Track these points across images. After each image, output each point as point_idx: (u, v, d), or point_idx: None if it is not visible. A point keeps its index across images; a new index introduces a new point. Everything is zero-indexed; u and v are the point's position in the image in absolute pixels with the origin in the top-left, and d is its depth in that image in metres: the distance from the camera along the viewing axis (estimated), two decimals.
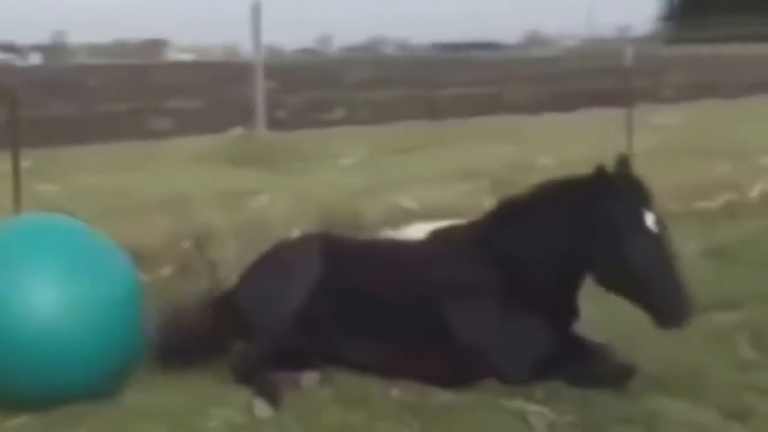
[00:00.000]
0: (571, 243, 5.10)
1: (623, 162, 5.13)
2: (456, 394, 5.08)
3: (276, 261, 5.63)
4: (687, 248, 7.15)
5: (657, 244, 4.97)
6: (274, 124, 14.51)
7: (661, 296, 4.87)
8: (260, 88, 13.82)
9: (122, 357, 5.04)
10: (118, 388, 5.02)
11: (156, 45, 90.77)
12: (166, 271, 7.70)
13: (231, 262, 7.69)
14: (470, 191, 9.41)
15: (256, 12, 13.48)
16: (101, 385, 4.93)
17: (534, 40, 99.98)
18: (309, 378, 5.22)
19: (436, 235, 5.66)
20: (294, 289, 5.35)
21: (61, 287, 4.83)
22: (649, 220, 4.98)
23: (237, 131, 14.48)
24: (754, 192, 10.02)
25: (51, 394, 4.81)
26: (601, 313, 5.62)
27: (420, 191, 9.24)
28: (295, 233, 8.26)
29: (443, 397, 5.05)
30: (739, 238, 8.29)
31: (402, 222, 8.24)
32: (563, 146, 11.73)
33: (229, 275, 6.42)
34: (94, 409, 4.86)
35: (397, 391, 5.10)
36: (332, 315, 5.35)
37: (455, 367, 5.19)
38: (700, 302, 5.39)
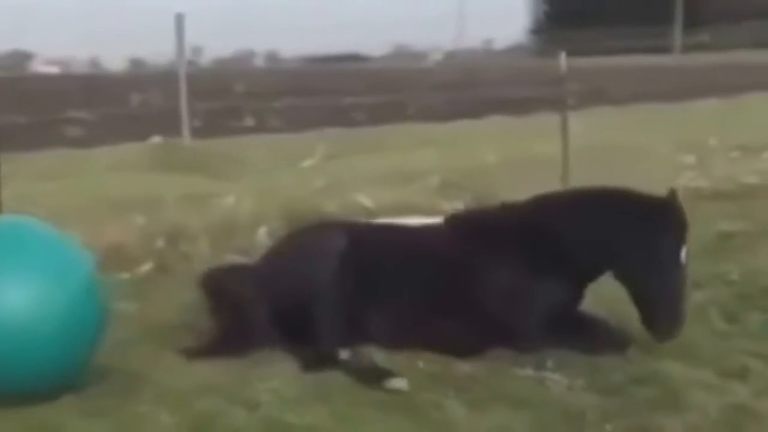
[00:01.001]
0: (611, 248, 5.67)
1: (673, 196, 5.70)
2: (472, 364, 5.50)
3: (301, 239, 6.01)
4: None
5: (682, 274, 5.61)
6: (192, 132, 14.60)
7: (665, 316, 5.53)
8: (184, 96, 13.93)
9: (83, 351, 5.18)
10: (78, 381, 5.16)
11: (21, 57, 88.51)
12: (145, 268, 7.97)
13: (204, 258, 8.04)
14: (420, 191, 9.89)
15: (179, 21, 13.62)
16: (62, 380, 5.07)
17: (401, 52, 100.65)
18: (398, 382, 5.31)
19: (462, 217, 6.22)
20: (321, 266, 5.68)
21: (28, 285, 4.96)
22: (683, 253, 5.61)
23: (156, 139, 14.56)
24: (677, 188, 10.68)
25: (13, 388, 4.94)
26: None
27: (373, 191, 9.64)
28: (262, 231, 8.66)
29: (463, 367, 5.47)
30: None
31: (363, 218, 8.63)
32: (490, 150, 12.25)
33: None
34: (147, 385, 5.16)
35: (422, 362, 5.50)
36: (357, 289, 5.66)
37: (475, 336, 5.65)
38: None
